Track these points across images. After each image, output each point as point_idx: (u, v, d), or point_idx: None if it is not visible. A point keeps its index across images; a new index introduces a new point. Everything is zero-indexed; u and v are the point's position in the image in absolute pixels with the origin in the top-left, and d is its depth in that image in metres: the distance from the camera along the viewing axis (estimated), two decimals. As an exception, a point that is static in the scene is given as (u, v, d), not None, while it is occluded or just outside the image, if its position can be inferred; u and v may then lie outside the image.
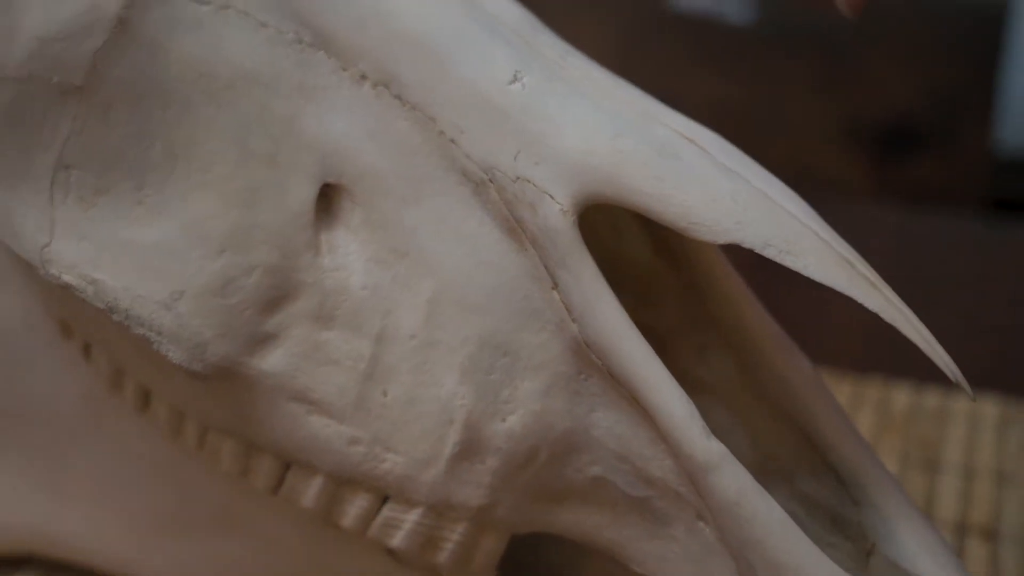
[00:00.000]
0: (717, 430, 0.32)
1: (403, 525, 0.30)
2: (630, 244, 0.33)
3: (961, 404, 0.45)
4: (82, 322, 0.33)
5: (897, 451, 0.43)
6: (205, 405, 0.31)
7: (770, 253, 0.27)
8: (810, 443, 0.31)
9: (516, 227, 0.28)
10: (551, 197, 0.28)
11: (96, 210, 0.29)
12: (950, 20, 0.89)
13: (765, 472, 0.32)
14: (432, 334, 0.29)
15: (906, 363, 0.49)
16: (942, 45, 0.89)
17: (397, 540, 0.30)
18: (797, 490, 0.31)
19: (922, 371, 0.47)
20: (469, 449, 0.29)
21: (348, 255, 0.29)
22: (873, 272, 0.27)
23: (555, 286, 0.28)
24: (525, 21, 0.31)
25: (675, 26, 0.94)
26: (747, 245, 0.27)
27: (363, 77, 0.29)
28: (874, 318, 0.27)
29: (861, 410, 0.46)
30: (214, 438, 0.32)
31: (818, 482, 0.31)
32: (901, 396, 0.46)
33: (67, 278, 0.29)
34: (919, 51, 0.90)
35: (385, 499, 0.30)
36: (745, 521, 0.27)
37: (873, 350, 0.50)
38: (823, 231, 0.28)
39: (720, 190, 0.27)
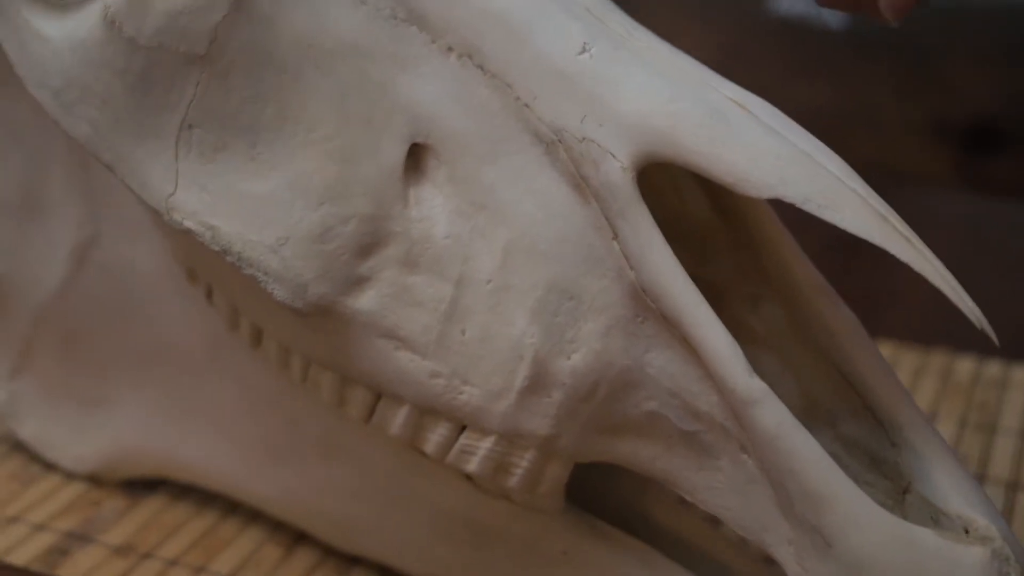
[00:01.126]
0: (767, 376, 0.35)
1: (478, 452, 0.33)
2: (690, 203, 0.35)
3: (1020, 375, 0.47)
4: (204, 267, 0.37)
5: (957, 415, 0.45)
6: (307, 341, 0.35)
7: (810, 208, 0.30)
8: (851, 388, 0.33)
9: (581, 183, 0.32)
10: (612, 156, 0.31)
11: (214, 165, 0.33)
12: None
13: (810, 415, 0.34)
14: (506, 279, 0.32)
15: (969, 338, 0.51)
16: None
17: (473, 465, 0.34)
18: (839, 432, 0.34)
19: (984, 345, 0.49)
20: (537, 383, 0.32)
21: (433, 207, 0.33)
22: (907, 228, 0.30)
23: (615, 236, 0.31)
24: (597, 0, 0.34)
25: (776, 31, 0.96)
26: (788, 200, 0.30)
27: (449, 49, 0.33)
28: (937, 294, 0.30)
29: (925, 378, 0.48)
30: (315, 372, 0.36)
31: (858, 424, 0.34)
32: (964, 366, 0.48)
33: (188, 224, 0.33)
34: (1002, 53, 0.90)
35: (463, 428, 0.34)
36: (784, 453, 0.30)
37: (938, 324, 0.52)
38: (861, 189, 0.30)
39: (765, 150, 0.30)
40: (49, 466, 0.46)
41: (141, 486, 0.45)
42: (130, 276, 0.41)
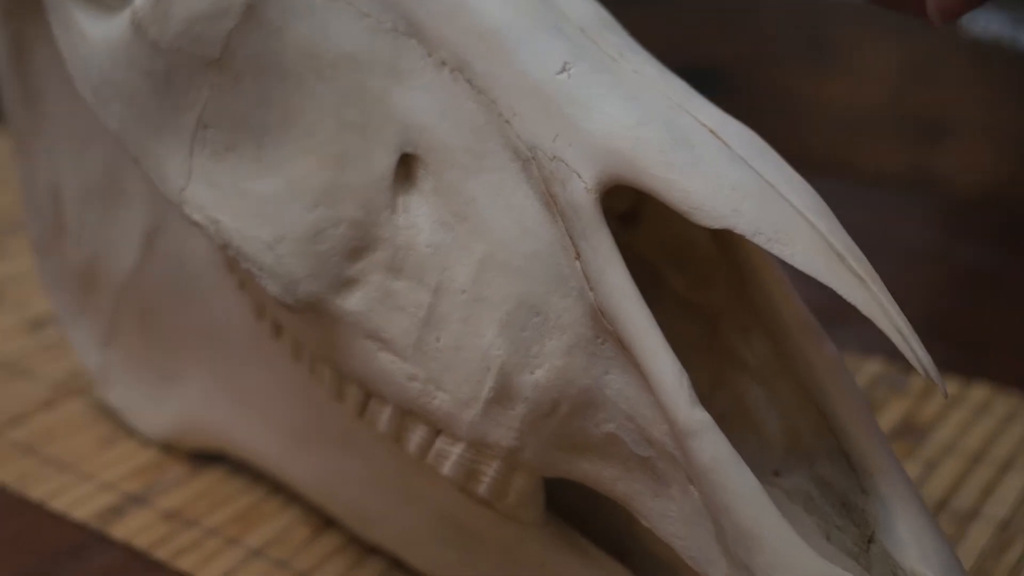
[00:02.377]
0: (752, 409, 0.34)
1: (450, 456, 0.34)
2: (692, 229, 0.35)
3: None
4: (236, 258, 0.39)
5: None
6: (309, 337, 0.37)
7: (759, 240, 0.29)
8: (829, 428, 0.32)
9: (551, 201, 0.32)
10: (578, 176, 0.31)
11: (224, 163, 0.35)
12: None
13: (791, 452, 0.34)
14: (479, 290, 0.33)
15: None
16: None
17: (447, 469, 0.34)
18: (816, 473, 0.33)
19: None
20: (501, 395, 0.33)
21: (419, 216, 0.34)
22: (866, 267, 0.29)
23: (578, 256, 0.31)
24: (596, 19, 0.34)
25: (966, 52, 0.91)
26: (739, 231, 0.29)
27: (443, 63, 0.33)
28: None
29: (1017, 424, 0.46)
30: (319, 366, 0.37)
31: (833, 467, 0.33)
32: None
33: (196, 217, 0.35)
34: None
35: (439, 432, 0.35)
36: (718, 488, 0.29)
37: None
38: (824, 224, 0.29)
39: (722, 179, 0.29)
40: (131, 431, 0.49)
41: (206, 458, 0.48)
42: (188, 263, 0.44)
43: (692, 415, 0.29)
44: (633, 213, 0.36)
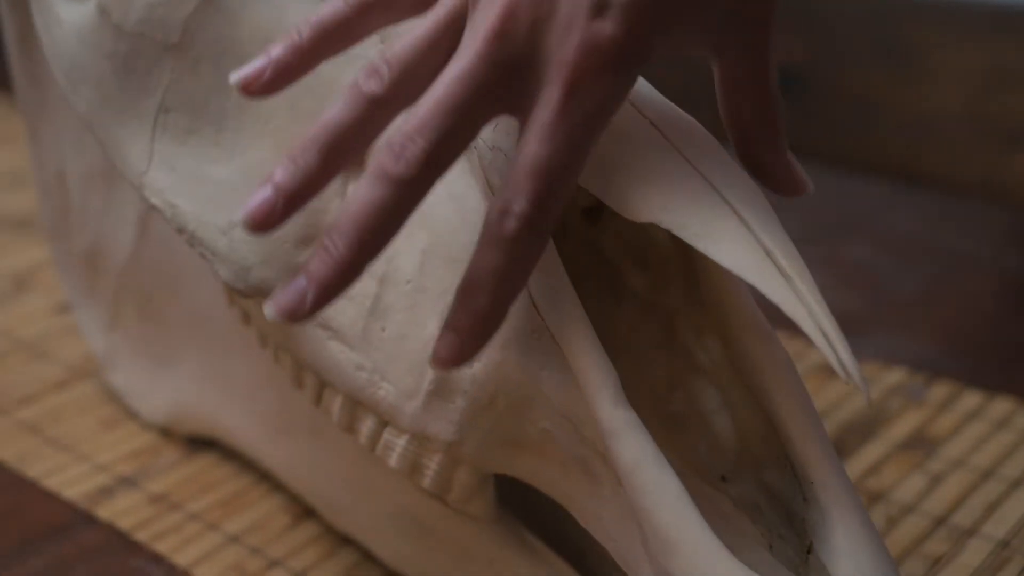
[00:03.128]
0: (707, 411, 0.33)
1: (396, 448, 0.34)
2: (654, 226, 0.34)
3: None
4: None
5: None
6: (269, 325, 0.37)
7: (686, 236, 0.28)
8: (776, 435, 0.31)
9: (489, 190, 0.31)
10: (515, 166, 0.30)
11: (185, 147, 0.35)
12: None
13: (741, 458, 0.32)
14: (422, 281, 0.32)
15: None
16: None
17: (393, 461, 0.34)
18: (763, 480, 0.32)
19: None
20: (442, 388, 0.32)
21: (368, 204, 0.33)
22: (797, 265, 0.28)
23: (514, 248, 0.31)
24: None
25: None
26: (665, 226, 0.28)
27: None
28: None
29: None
30: (280, 354, 0.37)
31: (780, 474, 0.31)
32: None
33: (155, 201, 0.35)
34: None
35: (386, 423, 0.34)
36: (638, 490, 0.28)
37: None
38: (757, 222, 0.28)
39: (654, 175, 0.29)
40: (133, 415, 0.50)
41: (200, 443, 0.48)
42: (178, 249, 0.44)
43: (615, 414, 0.29)
44: (598, 208, 0.36)
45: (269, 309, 0.28)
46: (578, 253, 0.35)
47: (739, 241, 0.28)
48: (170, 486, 0.46)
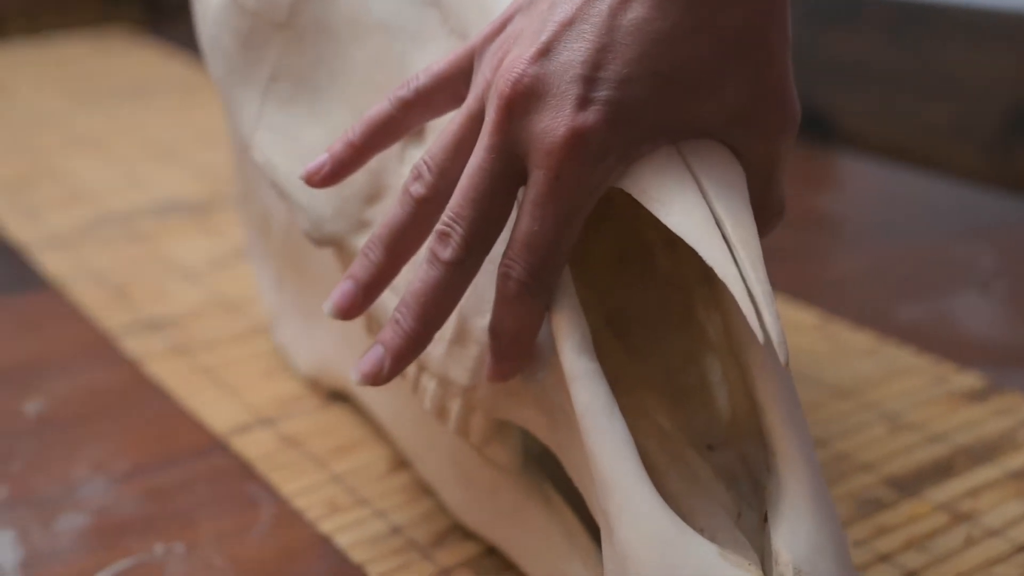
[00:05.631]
0: (711, 384, 0.35)
1: (428, 391, 0.37)
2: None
3: None
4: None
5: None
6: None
7: (644, 200, 0.30)
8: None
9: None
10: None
11: (286, 113, 0.40)
12: None
13: (732, 430, 0.34)
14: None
15: None
16: None
17: (427, 403, 0.37)
18: (742, 451, 0.33)
19: None
20: (460, 335, 0.35)
21: (418, 167, 0.37)
22: (745, 235, 0.29)
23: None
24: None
25: None
26: (628, 191, 0.30)
27: (452, 31, 0.37)
28: None
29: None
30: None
31: (755, 446, 0.32)
32: None
33: (258, 157, 0.40)
34: None
35: (422, 368, 0.38)
36: (587, 433, 0.30)
37: None
38: (714, 190, 0.30)
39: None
40: (290, 368, 0.56)
41: (339, 397, 0.53)
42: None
43: (576, 362, 0.31)
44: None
45: (354, 375, 0.33)
46: (622, 236, 0.37)
47: (691, 208, 0.29)
48: (300, 429, 0.51)
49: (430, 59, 0.37)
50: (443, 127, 0.34)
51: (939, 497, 0.45)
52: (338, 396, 0.53)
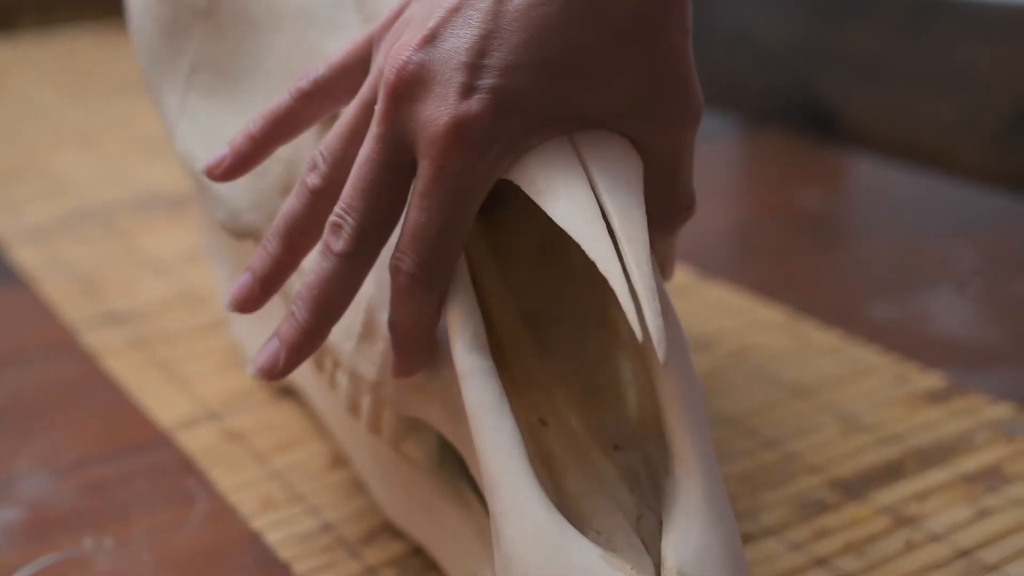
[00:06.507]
0: (623, 383, 0.34)
1: (341, 387, 0.37)
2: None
3: None
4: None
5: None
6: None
7: (531, 192, 0.29)
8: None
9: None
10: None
11: (208, 104, 0.40)
12: None
13: (639, 431, 0.33)
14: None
15: None
16: None
17: (341, 399, 0.37)
18: (646, 453, 0.32)
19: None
20: (368, 330, 0.35)
21: (334, 159, 0.36)
22: (632, 230, 0.28)
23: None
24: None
25: None
26: (516, 182, 0.29)
27: (366, 19, 0.36)
28: None
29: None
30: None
31: (658, 448, 0.32)
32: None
33: (179, 148, 0.40)
34: None
35: (337, 363, 0.37)
36: (476, 431, 0.30)
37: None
38: (605, 184, 0.29)
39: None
40: (244, 363, 0.55)
41: (289, 393, 0.52)
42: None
43: (467, 359, 0.30)
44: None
45: (250, 368, 0.33)
46: (544, 232, 0.37)
47: (577, 201, 0.28)
48: (245, 424, 0.50)
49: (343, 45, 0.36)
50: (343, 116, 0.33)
51: (884, 500, 0.44)
52: (287, 392, 0.53)
